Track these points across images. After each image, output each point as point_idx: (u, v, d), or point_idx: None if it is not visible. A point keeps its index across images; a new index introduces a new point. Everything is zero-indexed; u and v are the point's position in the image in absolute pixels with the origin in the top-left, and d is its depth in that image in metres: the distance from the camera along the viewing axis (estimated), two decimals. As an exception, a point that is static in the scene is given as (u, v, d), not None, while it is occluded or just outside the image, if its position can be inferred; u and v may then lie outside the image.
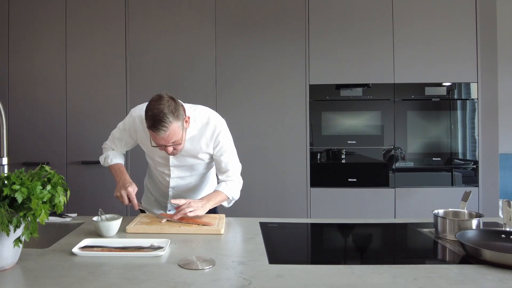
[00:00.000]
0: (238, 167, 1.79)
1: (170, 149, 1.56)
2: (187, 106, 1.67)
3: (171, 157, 1.72)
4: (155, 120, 1.45)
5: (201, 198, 1.67)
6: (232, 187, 1.74)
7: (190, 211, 1.56)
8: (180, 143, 1.57)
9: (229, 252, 1.25)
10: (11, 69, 2.91)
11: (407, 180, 2.88)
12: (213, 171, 1.93)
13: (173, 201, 1.63)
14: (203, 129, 1.68)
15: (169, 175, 1.78)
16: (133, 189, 1.65)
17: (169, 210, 1.88)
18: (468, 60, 2.85)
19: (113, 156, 1.84)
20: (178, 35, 2.90)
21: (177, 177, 1.80)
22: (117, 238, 1.38)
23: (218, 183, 1.83)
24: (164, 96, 1.51)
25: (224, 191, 1.72)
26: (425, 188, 2.86)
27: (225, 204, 1.78)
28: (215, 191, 1.73)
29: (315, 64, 2.87)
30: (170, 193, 1.85)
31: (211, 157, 1.77)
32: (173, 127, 1.49)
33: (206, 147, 1.70)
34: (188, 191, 1.87)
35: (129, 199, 1.64)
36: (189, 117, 1.61)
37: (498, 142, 2.85)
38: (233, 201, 1.80)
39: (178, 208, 1.61)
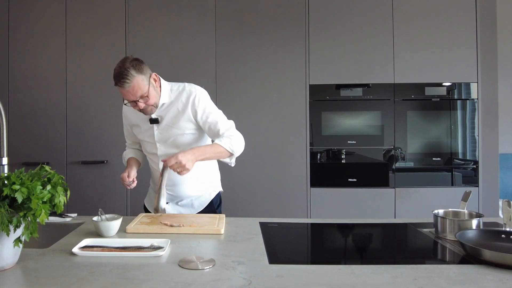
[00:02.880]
0: (230, 123, 1.75)
1: (141, 104, 1.64)
2: (166, 82, 1.78)
3: (155, 130, 1.76)
4: (117, 75, 1.61)
5: (189, 149, 1.63)
6: (230, 140, 1.69)
7: (180, 170, 1.57)
8: (149, 98, 1.64)
9: (229, 252, 1.25)
10: (11, 69, 2.91)
11: (407, 180, 2.88)
12: (204, 163, 1.83)
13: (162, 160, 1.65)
14: (179, 95, 1.74)
15: (157, 156, 1.79)
16: (126, 173, 1.75)
17: (167, 202, 1.86)
18: (468, 60, 2.85)
19: (126, 154, 1.96)
20: (178, 35, 2.90)
21: (164, 155, 1.77)
22: (117, 238, 1.38)
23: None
24: (128, 57, 1.68)
25: (220, 143, 1.68)
26: (425, 188, 2.86)
27: (228, 160, 1.74)
28: (211, 144, 1.72)
29: (315, 64, 2.87)
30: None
31: (197, 128, 1.76)
32: (136, 80, 1.60)
33: (183, 113, 1.71)
34: (183, 181, 1.81)
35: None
36: (156, 75, 1.70)
37: (498, 142, 2.85)
38: (235, 156, 1.74)
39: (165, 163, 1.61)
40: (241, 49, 2.89)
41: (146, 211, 1.97)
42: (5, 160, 1.43)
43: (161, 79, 1.77)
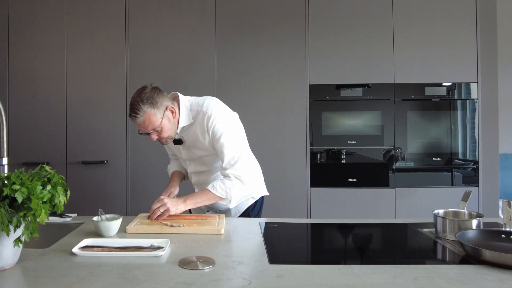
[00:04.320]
0: (236, 153, 1.65)
1: (154, 136, 1.65)
2: (186, 97, 1.73)
3: (181, 150, 1.78)
4: (130, 107, 1.59)
5: (182, 197, 1.64)
6: (226, 185, 1.63)
7: (162, 211, 1.56)
8: (162, 132, 1.64)
9: (229, 252, 1.25)
10: (11, 69, 2.91)
11: (407, 180, 2.88)
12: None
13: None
14: (196, 116, 1.69)
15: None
16: (168, 193, 1.77)
17: (208, 211, 1.87)
18: (468, 60, 2.85)
19: (171, 168, 1.98)
20: (178, 35, 2.90)
21: (194, 172, 1.81)
22: (117, 238, 1.38)
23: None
24: (147, 87, 1.63)
25: (211, 189, 1.63)
26: (425, 188, 2.86)
27: (224, 203, 1.68)
28: (203, 189, 1.67)
29: (315, 64, 2.87)
30: (196, 191, 1.85)
31: None
32: (148, 115, 1.58)
33: (202, 136, 1.68)
34: None
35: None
36: (173, 107, 1.65)
37: (498, 142, 2.85)
38: (234, 201, 1.66)
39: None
40: (241, 48, 2.89)
41: None
42: (5, 160, 1.43)
43: (183, 99, 1.71)
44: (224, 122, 1.67)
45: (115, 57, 2.90)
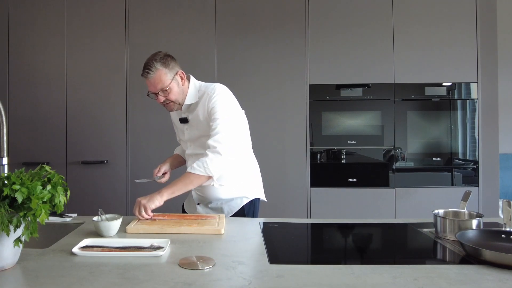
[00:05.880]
0: (221, 131, 1.63)
1: (161, 98, 1.70)
2: (197, 81, 1.81)
3: (185, 128, 1.81)
4: (144, 65, 1.67)
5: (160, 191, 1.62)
6: (202, 161, 1.61)
7: (142, 211, 1.57)
8: (169, 93, 1.69)
9: (229, 252, 1.25)
10: (11, 69, 2.91)
11: (407, 180, 2.88)
12: (238, 165, 1.79)
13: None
14: (201, 96, 1.75)
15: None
16: (158, 168, 1.89)
17: (199, 204, 1.87)
18: (468, 60, 2.85)
19: (175, 150, 2.08)
20: (178, 35, 2.90)
21: (191, 154, 1.81)
22: (117, 238, 1.38)
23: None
24: (161, 51, 1.71)
25: (190, 170, 1.61)
26: (425, 188, 2.86)
27: (207, 183, 1.65)
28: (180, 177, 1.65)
29: (315, 64, 2.87)
30: None
31: None
32: (160, 72, 1.66)
33: (203, 115, 1.72)
34: (208, 185, 1.75)
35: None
36: (183, 73, 1.73)
37: (498, 142, 2.85)
38: (215, 173, 1.61)
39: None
40: (241, 48, 2.89)
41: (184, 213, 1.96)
42: (5, 160, 1.43)
43: (193, 79, 1.79)
44: (223, 104, 1.69)
45: (115, 57, 2.90)
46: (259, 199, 1.92)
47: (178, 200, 2.07)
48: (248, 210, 1.84)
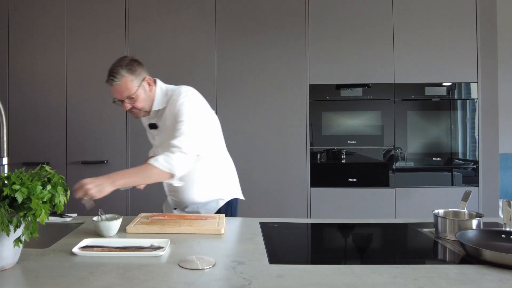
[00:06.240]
0: (185, 132, 1.57)
1: (128, 105, 1.65)
2: (164, 84, 1.74)
3: (155, 134, 1.77)
4: (108, 72, 1.62)
5: (112, 175, 1.50)
6: (168, 157, 1.54)
7: (82, 195, 1.40)
8: (136, 100, 1.64)
9: (229, 252, 1.25)
10: (11, 69, 2.91)
11: (407, 180, 2.88)
12: (210, 167, 1.78)
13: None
14: (168, 101, 1.69)
15: None
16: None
17: (175, 208, 1.86)
18: (468, 60, 2.85)
19: (150, 152, 1.99)
20: (178, 35, 2.90)
21: None
22: (117, 238, 1.38)
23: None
24: (127, 56, 1.67)
25: (153, 162, 1.53)
26: (425, 188, 2.86)
27: (168, 181, 1.59)
28: (142, 166, 1.59)
29: (315, 64, 2.87)
30: (165, 188, 1.84)
31: None
32: (125, 80, 1.60)
33: (171, 119, 1.65)
34: (182, 189, 1.75)
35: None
36: (150, 79, 1.68)
37: (498, 142, 2.85)
38: (177, 172, 1.55)
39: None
40: (241, 49, 2.89)
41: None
42: (5, 160, 1.43)
43: (160, 83, 1.73)
44: (188, 106, 1.63)
45: (115, 57, 2.88)
46: (236, 199, 1.88)
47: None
48: (226, 211, 1.80)
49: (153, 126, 1.76)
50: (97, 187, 1.42)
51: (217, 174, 1.82)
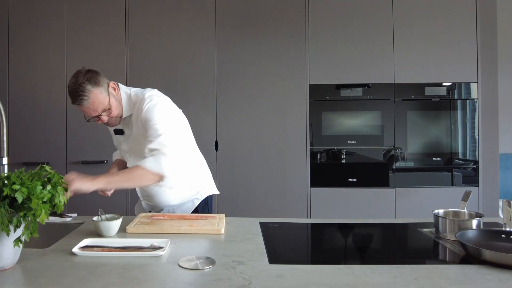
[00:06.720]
0: (160, 132, 1.53)
1: (105, 118, 1.57)
2: (126, 87, 1.67)
3: (122, 142, 1.72)
4: (72, 93, 1.49)
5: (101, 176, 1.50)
6: (160, 158, 1.51)
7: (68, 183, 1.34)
8: (112, 110, 1.56)
9: (229, 252, 1.25)
10: (11, 69, 2.91)
11: (407, 180, 2.88)
12: (184, 168, 1.72)
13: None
14: (136, 106, 1.62)
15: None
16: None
17: (150, 211, 1.84)
18: (468, 60, 2.85)
19: (114, 156, 1.99)
20: (178, 35, 2.90)
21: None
22: (117, 238, 1.38)
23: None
24: (81, 70, 1.54)
25: (142, 164, 1.50)
26: (425, 188, 2.86)
27: (154, 184, 1.57)
28: (129, 168, 1.56)
29: (315, 64, 2.87)
30: (138, 193, 1.82)
31: None
32: (94, 94, 1.51)
33: (138, 128, 1.61)
34: (157, 192, 1.73)
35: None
36: (114, 83, 1.61)
37: (498, 142, 2.85)
38: (166, 178, 1.54)
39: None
40: (241, 49, 2.89)
41: None
42: (5, 160, 1.43)
43: (123, 87, 1.67)
44: (156, 109, 1.57)
45: (115, 57, 2.90)
46: (211, 195, 1.86)
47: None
48: (203, 210, 1.78)
49: (119, 132, 1.70)
50: (80, 183, 1.39)
51: (191, 174, 1.78)
